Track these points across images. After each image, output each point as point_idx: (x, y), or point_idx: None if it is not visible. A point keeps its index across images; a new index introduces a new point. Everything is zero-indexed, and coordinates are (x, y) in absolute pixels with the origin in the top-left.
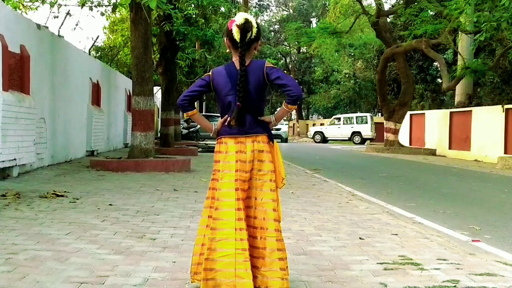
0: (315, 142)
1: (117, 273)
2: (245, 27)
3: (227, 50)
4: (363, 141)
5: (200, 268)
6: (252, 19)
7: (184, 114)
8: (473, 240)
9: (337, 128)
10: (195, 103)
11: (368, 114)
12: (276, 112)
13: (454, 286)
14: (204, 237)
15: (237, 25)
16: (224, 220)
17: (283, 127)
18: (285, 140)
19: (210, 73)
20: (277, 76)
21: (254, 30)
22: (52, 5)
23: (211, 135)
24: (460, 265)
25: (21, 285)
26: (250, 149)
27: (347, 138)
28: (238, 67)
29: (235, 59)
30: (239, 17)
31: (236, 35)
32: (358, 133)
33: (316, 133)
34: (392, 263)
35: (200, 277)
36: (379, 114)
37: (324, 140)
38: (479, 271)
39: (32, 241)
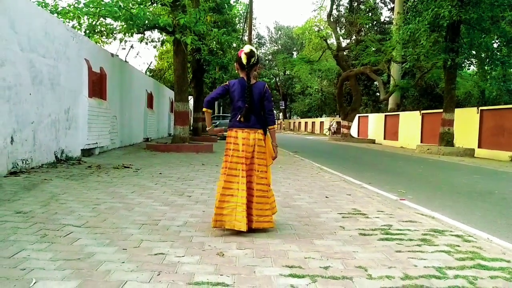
0: None
1: (166, 218)
2: (250, 54)
3: (237, 71)
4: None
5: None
6: (254, 49)
7: (204, 108)
8: (400, 199)
9: None
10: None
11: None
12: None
13: (389, 228)
14: (219, 195)
15: (245, 52)
16: (232, 183)
17: None
18: None
19: (227, 83)
20: (268, 98)
21: (256, 57)
22: (121, 41)
23: (207, 129)
24: (392, 215)
25: (103, 225)
26: (252, 138)
27: None
28: (247, 82)
29: (243, 76)
30: (247, 48)
31: (244, 60)
32: None
33: None
34: (347, 213)
35: (214, 219)
36: (338, 115)
37: None
38: (405, 219)
39: (109, 197)
